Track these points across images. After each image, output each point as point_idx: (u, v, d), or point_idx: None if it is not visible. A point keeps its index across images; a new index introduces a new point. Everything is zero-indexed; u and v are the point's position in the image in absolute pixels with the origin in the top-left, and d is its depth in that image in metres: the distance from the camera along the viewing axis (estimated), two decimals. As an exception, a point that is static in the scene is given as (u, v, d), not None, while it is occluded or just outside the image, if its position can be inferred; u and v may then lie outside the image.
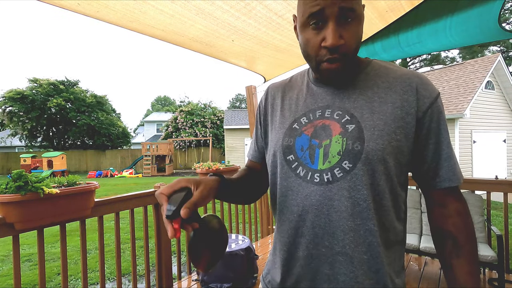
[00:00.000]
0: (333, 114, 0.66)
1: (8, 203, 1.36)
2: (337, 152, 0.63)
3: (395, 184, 0.63)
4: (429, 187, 0.68)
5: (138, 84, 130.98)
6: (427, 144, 0.64)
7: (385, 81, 0.66)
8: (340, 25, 0.60)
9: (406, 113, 0.62)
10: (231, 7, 1.62)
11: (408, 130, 0.62)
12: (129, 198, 2.00)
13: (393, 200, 0.63)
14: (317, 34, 0.62)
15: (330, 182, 0.62)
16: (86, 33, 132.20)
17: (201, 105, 24.76)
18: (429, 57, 25.83)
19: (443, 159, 0.64)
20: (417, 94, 0.63)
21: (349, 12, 0.59)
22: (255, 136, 0.87)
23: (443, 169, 0.64)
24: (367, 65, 0.70)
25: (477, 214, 2.50)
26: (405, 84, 0.64)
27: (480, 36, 1.77)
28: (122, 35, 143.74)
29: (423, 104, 0.63)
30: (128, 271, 3.79)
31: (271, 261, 0.76)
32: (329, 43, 0.59)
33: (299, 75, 0.82)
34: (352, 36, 0.61)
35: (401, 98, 0.63)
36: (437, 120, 0.64)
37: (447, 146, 0.64)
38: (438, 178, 0.65)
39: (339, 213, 0.61)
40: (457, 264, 0.63)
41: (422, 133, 0.64)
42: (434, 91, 0.64)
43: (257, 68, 2.78)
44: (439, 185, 0.65)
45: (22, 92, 20.79)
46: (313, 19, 0.61)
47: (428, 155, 0.65)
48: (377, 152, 0.60)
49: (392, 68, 0.68)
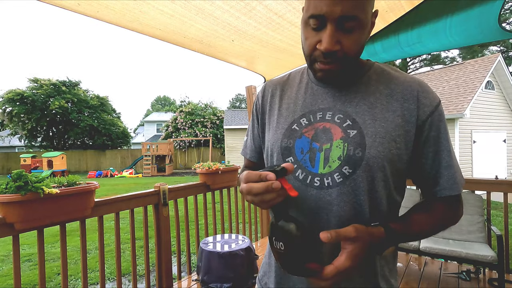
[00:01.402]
0: (334, 117, 0.65)
1: (8, 203, 1.36)
2: (337, 157, 0.62)
3: (392, 190, 0.64)
4: (430, 195, 0.67)
5: (138, 84, 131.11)
6: (426, 152, 0.64)
7: (387, 88, 0.66)
8: (339, 31, 0.58)
9: (407, 121, 0.62)
10: (231, 7, 1.62)
11: (408, 138, 0.62)
12: (129, 198, 2.00)
13: (389, 205, 0.64)
14: (315, 34, 0.61)
15: (330, 187, 0.62)
16: (85, 33, 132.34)
17: (201, 105, 24.76)
18: (429, 57, 25.82)
19: (443, 167, 0.64)
20: (418, 102, 0.63)
21: (350, 21, 0.57)
22: (252, 134, 0.85)
23: (443, 178, 0.64)
24: (369, 68, 0.70)
25: (477, 214, 2.50)
26: (407, 92, 0.64)
27: (480, 36, 1.77)
28: (122, 35, 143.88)
29: (423, 113, 0.63)
30: (128, 271, 3.79)
31: (266, 264, 0.76)
32: (323, 47, 0.58)
33: (297, 72, 0.80)
34: (352, 43, 0.59)
35: (402, 106, 0.63)
36: (437, 128, 0.63)
37: (447, 155, 0.64)
38: (439, 186, 0.65)
39: (337, 218, 0.61)
40: (415, 217, 0.65)
41: (421, 141, 0.63)
42: (435, 99, 0.64)
43: (257, 68, 2.78)
44: (440, 193, 0.65)
45: (22, 93, 20.68)
46: (313, 20, 0.60)
47: (427, 163, 0.65)
48: (377, 159, 0.60)
49: (393, 74, 0.68)
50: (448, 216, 0.67)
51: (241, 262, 2.13)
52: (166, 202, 2.24)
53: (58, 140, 24.05)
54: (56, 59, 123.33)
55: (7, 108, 20.87)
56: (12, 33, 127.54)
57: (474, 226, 2.47)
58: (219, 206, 2.94)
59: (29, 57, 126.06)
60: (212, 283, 2.10)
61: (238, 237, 2.43)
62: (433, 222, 0.66)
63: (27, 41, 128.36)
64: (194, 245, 4.18)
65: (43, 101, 21.49)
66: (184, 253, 3.54)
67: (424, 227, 0.65)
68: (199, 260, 2.23)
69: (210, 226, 2.82)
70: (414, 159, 0.65)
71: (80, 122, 22.61)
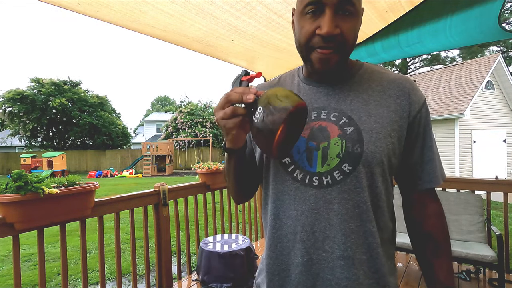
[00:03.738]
0: (329, 116, 0.66)
1: (8, 203, 1.36)
2: (336, 154, 0.62)
3: (389, 185, 0.66)
4: (411, 189, 0.71)
5: (138, 84, 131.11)
6: (414, 147, 0.68)
7: (379, 85, 0.67)
8: (338, 16, 0.59)
9: (400, 117, 0.65)
10: (231, 7, 1.62)
11: (401, 133, 0.65)
12: (129, 198, 2.00)
13: (387, 200, 0.66)
14: (313, 21, 0.61)
15: (329, 185, 0.62)
16: (85, 33, 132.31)
17: (201, 105, 24.76)
18: (429, 57, 25.82)
19: (425, 162, 0.68)
20: (409, 99, 0.66)
21: (348, 5, 0.59)
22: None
23: (425, 171, 0.68)
24: (359, 67, 0.71)
25: (477, 214, 2.50)
26: (398, 89, 0.66)
27: (480, 36, 1.77)
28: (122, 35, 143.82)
29: (413, 109, 0.65)
30: (128, 271, 3.79)
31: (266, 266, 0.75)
32: (324, 31, 0.58)
33: (288, 74, 0.80)
34: (350, 28, 0.60)
35: (395, 102, 0.65)
36: (424, 124, 0.67)
37: (429, 150, 0.68)
38: (420, 180, 0.69)
39: (340, 216, 0.61)
40: (437, 263, 0.67)
41: (412, 137, 0.67)
42: (422, 97, 0.68)
43: (257, 68, 2.78)
44: (420, 187, 0.69)
45: (22, 92, 20.71)
46: (310, 7, 0.60)
47: (413, 158, 0.68)
48: (376, 154, 0.61)
49: (384, 72, 0.70)
50: (438, 203, 0.71)
51: (241, 262, 2.12)
52: (166, 202, 2.24)
53: (58, 140, 24.05)
54: (57, 59, 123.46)
55: (8, 108, 20.88)
56: (12, 33, 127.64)
57: (474, 226, 2.47)
58: (219, 206, 2.94)
59: (29, 57, 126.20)
60: (212, 283, 2.09)
61: (238, 237, 2.43)
62: (438, 225, 0.69)
63: (27, 41, 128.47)
64: (194, 245, 4.18)
65: (43, 101, 21.50)
66: (184, 253, 3.53)
67: (441, 233, 0.69)
68: (199, 260, 2.23)
69: (210, 226, 2.82)
70: (403, 154, 0.67)
71: (80, 120, 22.61)
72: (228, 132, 0.58)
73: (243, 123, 0.57)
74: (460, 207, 2.57)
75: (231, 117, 0.56)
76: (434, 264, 0.68)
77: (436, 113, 10.05)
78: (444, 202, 2.64)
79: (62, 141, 24.06)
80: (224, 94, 0.57)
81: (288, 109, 0.51)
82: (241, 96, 0.55)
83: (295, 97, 0.53)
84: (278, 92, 0.54)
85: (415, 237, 0.73)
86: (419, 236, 0.71)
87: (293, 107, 0.51)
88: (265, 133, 0.53)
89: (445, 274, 0.66)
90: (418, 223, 0.71)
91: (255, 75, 0.63)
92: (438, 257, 0.68)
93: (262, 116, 0.53)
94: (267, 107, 0.53)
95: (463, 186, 2.64)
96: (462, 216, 2.54)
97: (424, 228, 0.70)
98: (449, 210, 2.59)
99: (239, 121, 0.56)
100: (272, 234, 0.68)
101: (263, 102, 0.54)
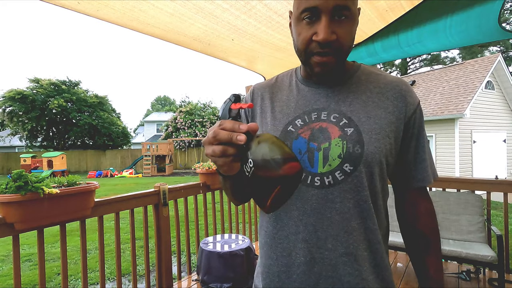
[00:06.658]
0: (329, 117, 0.66)
1: (8, 203, 1.36)
2: (337, 155, 0.63)
3: (385, 184, 0.69)
4: (403, 187, 0.74)
5: (138, 84, 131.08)
6: (409, 148, 0.70)
7: (376, 86, 0.69)
8: (334, 22, 0.60)
9: (397, 118, 0.66)
10: (231, 6, 1.62)
11: (397, 134, 0.67)
12: (129, 198, 2.00)
13: (383, 198, 0.68)
14: (309, 28, 0.61)
15: (331, 185, 0.63)
16: (85, 33, 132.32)
17: (201, 105, 24.76)
18: (429, 57, 25.83)
19: (418, 161, 0.70)
20: (405, 101, 0.68)
21: (344, 10, 0.59)
22: None
23: (417, 171, 0.71)
24: (357, 69, 0.72)
25: (477, 214, 2.50)
26: (395, 91, 0.68)
27: (480, 36, 1.77)
28: (122, 34, 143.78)
29: (409, 111, 0.68)
30: (128, 271, 3.79)
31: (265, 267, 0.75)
32: (321, 38, 0.59)
33: (285, 75, 0.79)
34: (346, 33, 0.61)
35: (393, 104, 0.67)
36: (418, 125, 0.69)
37: (422, 150, 0.70)
38: (413, 179, 0.71)
39: (341, 215, 0.62)
40: (429, 260, 0.70)
41: (407, 137, 0.69)
42: (416, 98, 0.70)
43: (257, 67, 2.78)
44: (413, 186, 0.72)
45: (22, 92, 20.76)
46: (307, 14, 0.61)
47: (408, 158, 0.70)
48: (375, 155, 0.63)
49: (380, 74, 0.72)
50: (429, 202, 0.73)
51: (241, 262, 2.12)
52: (166, 202, 2.24)
53: (58, 140, 24.05)
54: (56, 59, 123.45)
55: (7, 108, 20.90)
56: (12, 33, 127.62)
57: (474, 226, 2.47)
58: (219, 206, 2.94)
59: (29, 57, 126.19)
60: (212, 283, 2.10)
61: (238, 237, 2.43)
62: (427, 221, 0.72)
63: (27, 41, 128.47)
64: (194, 245, 4.18)
65: (43, 101, 21.51)
66: (184, 253, 3.54)
67: (433, 231, 0.72)
68: (199, 260, 2.23)
69: (210, 226, 2.82)
70: (398, 154, 0.70)
71: (80, 121, 22.60)
72: (219, 167, 0.57)
73: (235, 161, 0.54)
74: (460, 207, 2.57)
75: (220, 156, 0.52)
76: (426, 261, 0.70)
77: (436, 113, 10.06)
78: (444, 202, 2.64)
79: (62, 141, 24.06)
80: (213, 129, 0.53)
81: (285, 172, 0.46)
82: (230, 135, 0.51)
83: (291, 155, 0.48)
84: (273, 147, 0.48)
85: (407, 234, 0.75)
86: (411, 233, 0.74)
87: (290, 171, 0.46)
88: (257, 192, 0.49)
89: (435, 270, 0.69)
90: (410, 221, 0.73)
91: (246, 105, 0.57)
92: (430, 254, 0.70)
93: (253, 172, 0.48)
94: (260, 166, 0.47)
95: (463, 186, 2.65)
96: (462, 216, 2.54)
97: (416, 225, 0.72)
98: (449, 210, 2.59)
99: (229, 161, 0.53)
100: (273, 235, 0.68)
101: (256, 154, 0.48)
